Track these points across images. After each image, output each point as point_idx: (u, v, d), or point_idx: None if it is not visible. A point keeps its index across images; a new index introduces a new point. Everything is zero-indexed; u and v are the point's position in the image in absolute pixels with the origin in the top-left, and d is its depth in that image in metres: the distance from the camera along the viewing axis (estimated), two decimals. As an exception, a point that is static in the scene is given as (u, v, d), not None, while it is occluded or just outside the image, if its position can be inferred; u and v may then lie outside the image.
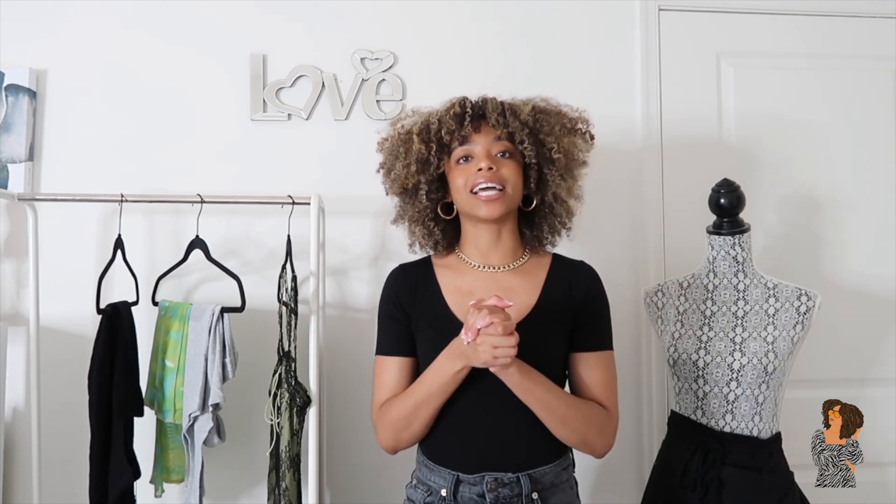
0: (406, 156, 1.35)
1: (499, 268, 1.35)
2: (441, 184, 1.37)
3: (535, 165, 1.33)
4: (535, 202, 1.36)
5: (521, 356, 1.25)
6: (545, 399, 1.22)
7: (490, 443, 1.25)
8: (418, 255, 1.44)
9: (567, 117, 1.38)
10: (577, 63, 1.87)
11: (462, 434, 1.26)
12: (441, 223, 1.40)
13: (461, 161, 1.32)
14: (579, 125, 1.39)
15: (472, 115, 1.31)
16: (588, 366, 1.30)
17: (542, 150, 1.32)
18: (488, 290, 1.31)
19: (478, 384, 1.24)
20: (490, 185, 1.27)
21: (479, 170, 1.28)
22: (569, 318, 1.31)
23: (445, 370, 1.21)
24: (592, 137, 1.42)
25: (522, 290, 1.32)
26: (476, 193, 1.28)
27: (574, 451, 1.35)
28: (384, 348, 1.34)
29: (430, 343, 1.29)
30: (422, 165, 1.33)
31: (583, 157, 1.39)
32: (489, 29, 1.86)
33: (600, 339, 1.33)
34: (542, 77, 1.83)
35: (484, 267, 1.35)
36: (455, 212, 1.36)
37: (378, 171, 1.44)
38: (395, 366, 1.32)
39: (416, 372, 1.33)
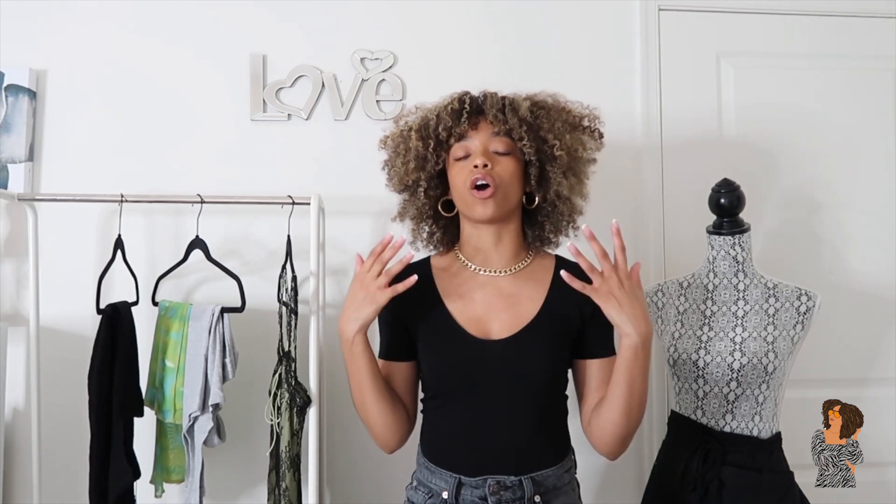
0: (405, 153, 1.34)
1: (500, 272, 1.32)
2: (441, 181, 1.35)
3: (536, 163, 1.29)
4: (537, 200, 1.33)
5: (524, 361, 1.24)
6: (644, 386, 1.20)
7: (492, 446, 1.24)
8: (420, 252, 1.42)
9: (571, 113, 1.34)
10: (577, 63, 1.87)
11: (464, 436, 1.25)
12: (441, 220, 1.38)
13: (460, 158, 1.30)
14: (585, 121, 1.36)
15: (470, 111, 1.29)
16: (608, 371, 1.26)
17: (542, 147, 1.29)
18: (489, 295, 1.29)
19: (480, 387, 1.24)
20: (483, 181, 1.24)
21: (475, 166, 1.25)
22: (574, 324, 1.28)
23: (344, 350, 1.27)
24: (601, 135, 1.38)
25: (526, 295, 1.29)
26: (473, 190, 1.26)
27: (576, 452, 1.35)
28: (380, 352, 1.35)
29: (433, 349, 1.29)
30: (420, 162, 1.32)
31: (588, 155, 1.35)
32: (489, 29, 1.86)
33: (613, 343, 1.30)
34: (542, 76, 1.81)
35: (485, 270, 1.32)
36: (455, 209, 1.35)
37: (383, 169, 1.43)
38: (386, 370, 1.34)
39: (412, 376, 1.34)
